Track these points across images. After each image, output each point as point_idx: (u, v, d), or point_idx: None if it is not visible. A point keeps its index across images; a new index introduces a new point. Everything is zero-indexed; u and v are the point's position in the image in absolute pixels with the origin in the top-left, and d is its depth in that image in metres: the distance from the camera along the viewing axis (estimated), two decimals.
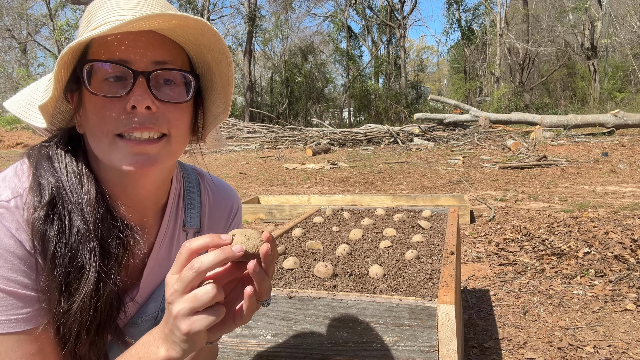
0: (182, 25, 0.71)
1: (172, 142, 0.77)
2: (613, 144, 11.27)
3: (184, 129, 0.80)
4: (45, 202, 0.73)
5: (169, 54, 0.75)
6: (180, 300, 0.64)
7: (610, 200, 5.54)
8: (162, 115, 0.74)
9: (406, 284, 1.19)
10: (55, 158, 0.78)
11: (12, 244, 0.70)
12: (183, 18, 0.68)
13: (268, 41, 34.22)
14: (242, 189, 7.59)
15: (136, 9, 0.72)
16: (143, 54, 0.72)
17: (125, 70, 0.72)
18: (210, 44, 0.75)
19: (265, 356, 1.14)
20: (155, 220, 0.90)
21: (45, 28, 34.20)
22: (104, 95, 0.72)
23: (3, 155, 14.55)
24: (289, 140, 15.87)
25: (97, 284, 0.75)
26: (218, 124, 0.86)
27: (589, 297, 2.68)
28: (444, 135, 14.37)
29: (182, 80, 0.77)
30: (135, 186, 0.82)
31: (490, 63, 30.44)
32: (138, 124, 0.72)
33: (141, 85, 0.72)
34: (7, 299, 0.69)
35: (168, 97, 0.75)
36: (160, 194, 0.89)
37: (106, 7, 0.73)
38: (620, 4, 27.12)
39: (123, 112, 0.72)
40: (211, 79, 0.82)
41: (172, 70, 0.75)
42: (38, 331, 0.72)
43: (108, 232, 0.77)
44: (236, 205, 1.06)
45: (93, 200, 0.76)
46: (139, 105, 0.71)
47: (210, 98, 0.85)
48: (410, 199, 5.45)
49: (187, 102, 0.78)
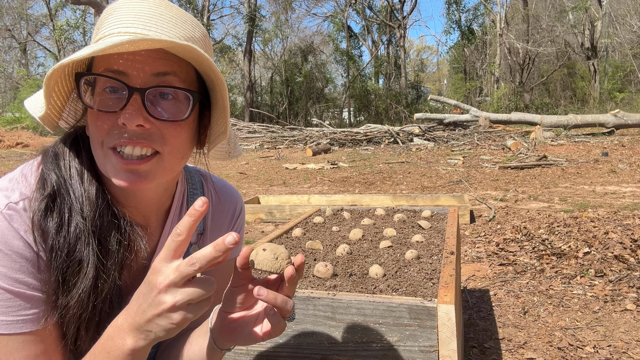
0: (170, 48, 0.70)
1: (164, 159, 0.76)
2: (613, 144, 11.28)
3: (180, 145, 0.78)
4: (46, 195, 0.73)
5: (172, 66, 0.74)
6: (178, 292, 0.64)
7: (610, 200, 5.54)
8: (156, 131, 0.73)
9: (406, 284, 1.19)
10: (61, 156, 0.79)
11: (20, 246, 0.70)
12: (169, 43, 0.67)
13: (268, 41, 34.24)
14: (242, 189, 7.59)
15: (141, 21, 0.72)
16: (141, 68, 0.72)
17: (121, 85, 0.71)
18: (205, 66, 0.74)
19: (265, 356, 1.14)
20: (158, 222, 0.91)
21: (45, 28, 34.27)
22: (98, 109, 0.72)
23: (3, 155, 14.56)
24: (289, 140, 15.87)
25: (95, 280, 0.75)
26: (219, 143, 0.84)
27: (589, 297, 2.68)
28: (444, 135, 14.38)
29: (184, 94, 0.75)
30: (135, 195, 0.82)
31: (490, 63, 30.44)
32: (128, 138, 0.72)
33: (135, 102, 0.71)
34: (15, 300, 0.70)
35: (163, 114, 0.74)
36: (163, 199, 0.89)
37: (115, 15, 0.73)
38: (620, 4, 27.12)
39: (115, 126, 0.72)
40: (215, 95, 0.81)
41: (169, 87, 0.73)
42: (44, 332, 0.73)
43: (108, 230, 0.77)
44: (239, 207, 1.06)
45: (93, 198, 0.76)
46: (129, 124, 0.70)
47: (215, 114, 0.83)
48: (410, 199, 5.46)
49: (185, 120, 0.76)
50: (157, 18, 0.73)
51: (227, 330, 0.77)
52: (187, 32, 0.75)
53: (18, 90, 26.73)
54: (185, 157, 0.81)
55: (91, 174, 0.78)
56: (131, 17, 0.72)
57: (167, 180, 0.82)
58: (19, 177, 0.76)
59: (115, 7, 0.75)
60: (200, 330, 0.86)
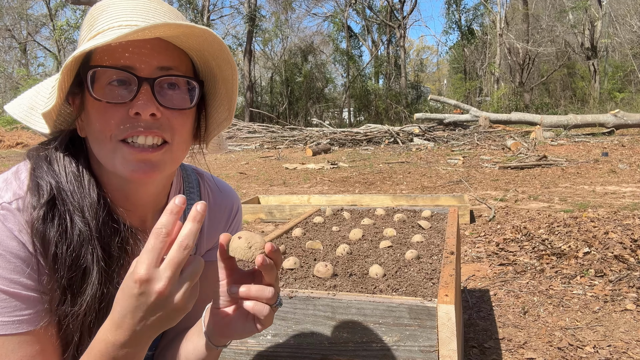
0: (187, 33, 0.71)
1: (174, 150, 0.77)
2: (613, 144, 11.28)
3: (186, 135, 0.79)
4: (44, 202, 0.73)
5: (174, 60, 0.75)
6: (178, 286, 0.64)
7: (610, 200, 5.54)
8: (166, 121, 0.74)
9: (406, 284, 1.19)
10: (54, 160, 0.78)
11: (14, 246, 0.70)
12: (188, 27, 0.68)
13: (268, 41, 34.23)
14: (242, 189, 7.59)
15: (140, 14, 0.72)
16: (147, 60, 0.72)
17: (129, 76, 0.71)
18: (215, 52, 0.75)
19: (265, 356, 1.14)
20: (154, 221, 0.90)
21: (45, 28, 34.25)
22: (108, 101, 0.72)
23: (3, 155, 14.55)
24: (289, 140, 15.87)
25: (100, 287, 0.75)
26: (222, 130, 0.85)
27: (589, 297, 2.68)
28: (444, 135, 14.38)
29: (186, 86, 0.77)
30: (137, 191, 0.82)
31: (490, 63, 30.44)
32: (143, 127, 0.72)
33: (146, 92, 0.72)
34: (10, 301, 0.70)
35: (172, 103, 0.75)
36: (160, 197, 0.89)
37: (109, 11, 0.73)
38: (620, 4, 27.12)
39: (126, 118, 0.72)
40: (215, 85, 0.82)
41: (177, 76, 0.75)
42: (40, 333, 0.72)
43: (110, 235, 0.77)
44: (236, 206, 1.06)
45: (95, 204, 0.76)
46: (144, 113, 0.71)
47: (214, 104, 0.84)
48: (410, 199, 5.46)
49: (190, 109, 0.78)
50: (154, 11, 0.74)
51: (220, 326, 0.77)
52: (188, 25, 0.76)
53: (18, 90, 26.74)
54: (187, 149, 0.83)
55: (90, 177, 0.78)
56: (129, 11, 0.72)
57: (172, 171, 0.83)
58: (12, 177, 0.76)
59: (107, 3, 0.74)
60: (195, 329, 0.86)
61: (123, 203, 0.82)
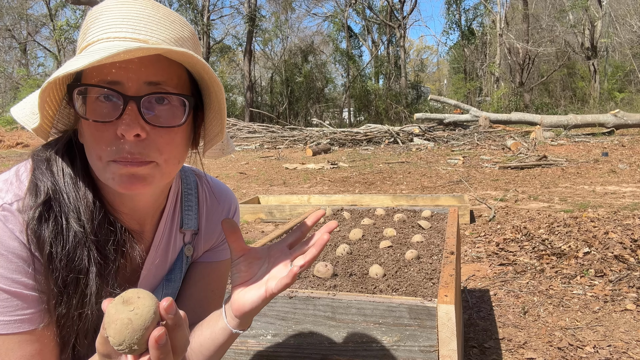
0: (165, 54, 0.70)
1: (162, 167, 0.76)
2: (613, 144, 11.28)
3: (175, 151, 0.77)
4: (39, 203, 0.73)
5: (163, 74, 0.73)
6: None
7: (610, 200, 5.54)
8: (152, 141, 0.72)
9: (406, 284, 1.19)
10: (53, 162, 0.78)
11: (16, 246, 0.71)
12: (166, 51, 0.67)
13: (268, 41, 34.22)
14: (242, 189, 7.59)
15: (130, 25, 0.70)
16: (134, 76, 0.70)
17: (116, 94, 0.70)
18: (204, 67, 0.73)
19: (265, 356, 1.14)
20: (152, 223, 0.90)
21: (45, 28, 34.23)
22: (95, 120, 0.71)
23: (3, 155, 14.55)
24: (289, 140, 15.87)
25: (96, 288, 0.75)
26: (214, 145, 0.83)
27: (589, 297, 2.68)
28: (444, 135, 14.38)
29: (178, 100, 0.75)
30: (132, 199, 0.82)
31: (490, 63, 30.44)
32: (128, 153, 0.71)
33: (131, 111, 0.70)
34: (12, 300, 0.70)
35: (159, 121, 0.73)
36: (159, 201, 0.89)
37: (101, 20, 0.72)
38: (620, 4, 27.12)
39: (114, 139, 0.71)
40: (209, 97, 0.80)
41: (165, 93, 0.73)
42: (40, 332, 0.73)
43: (106, 238, 0.77)
44: (234, 207, 1.06)
45: (91, 206, 0.76)
46: (127, 134, 0.69)
47: (209, 115, 0.82)
48: (410, 199, 5.45)
49: (180, 126, 0.76)
50: (145, 20, 0.72)
51: (242, 302, 0.78)
52: (176, 33, 0.74)
53: (18, 90, 26.73)
54: (181, 161, 0.81)
55: (86, 181, 0.78)
56: (119, 21, 0.71)
57: (165, 183, 0.82)
58: (13, 178, 0.76)
59: (100, 10, 0.73)
60: (213, 316, 0.86)
61: (120, 207, 0.81)
